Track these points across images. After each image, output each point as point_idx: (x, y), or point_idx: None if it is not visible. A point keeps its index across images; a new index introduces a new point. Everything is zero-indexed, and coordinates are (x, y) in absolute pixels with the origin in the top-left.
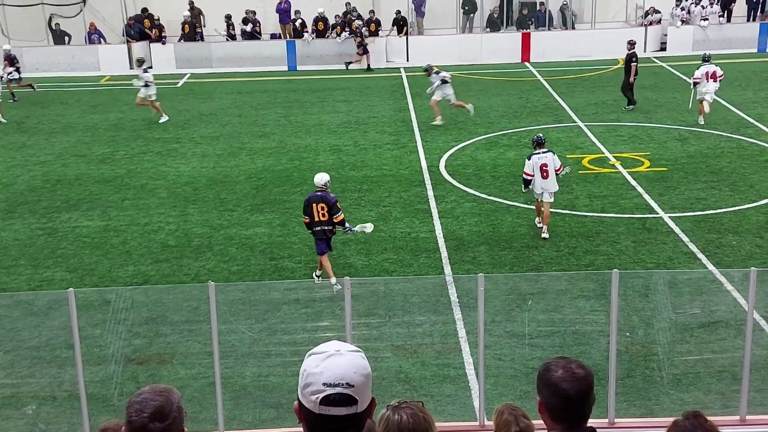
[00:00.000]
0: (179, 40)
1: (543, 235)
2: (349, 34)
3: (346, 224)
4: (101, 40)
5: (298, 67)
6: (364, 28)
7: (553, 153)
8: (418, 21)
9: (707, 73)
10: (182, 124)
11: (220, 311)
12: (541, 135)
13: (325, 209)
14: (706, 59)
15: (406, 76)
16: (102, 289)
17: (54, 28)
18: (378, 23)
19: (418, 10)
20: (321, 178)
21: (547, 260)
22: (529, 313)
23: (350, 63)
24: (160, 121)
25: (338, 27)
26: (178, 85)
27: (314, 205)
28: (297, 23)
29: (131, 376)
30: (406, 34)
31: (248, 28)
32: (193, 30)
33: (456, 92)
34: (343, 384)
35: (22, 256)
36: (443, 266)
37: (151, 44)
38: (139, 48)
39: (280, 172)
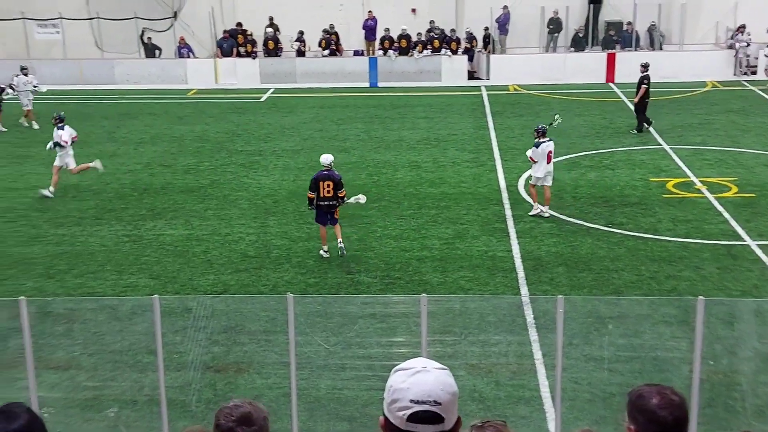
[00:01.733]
0: (265, 56)
1: (546, 215)
2: (431, 52)
3: (346, 198)
4: (190, 54)
5: (380, 84)
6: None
7: (554, 141)
8: (501, 39)
9: None
10: (265, 137)
11: (297, 323)
12: (543, 124)
13: (331, 186)
14: None
15: (487, 94)
16: (183, 297)
17: (146, 41)
18: (458, 41)
19: (501, 27)
20: (326, 158)
21: (627, 284)
22: (609, 337)
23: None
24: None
25: (420, 45)
26: (262, 99)
27: (321, 182)
28: (383, 40)
29: (209, 383)
30: (489, 52)
31: (295, 45)
32: (276, 46)
33: (537, 111)
34: (430, 401)
35: (108, 262)
36: (520, 286)
37: (238, 58)
38: (227, 61)
39: (359, 187)
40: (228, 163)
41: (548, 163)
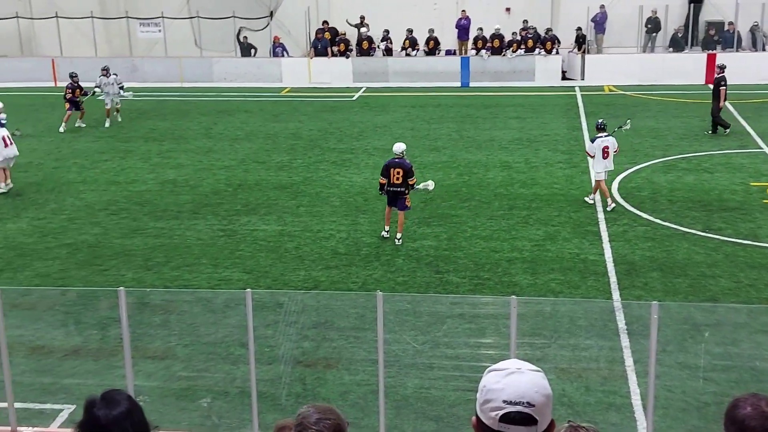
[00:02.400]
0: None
1: (589, 201)
2: (525, 52)
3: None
4: (284, 53)
5: (472, 84)
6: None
7: (614, 137)
8: (599, 38)
9: None
10: (357, 135)
11: (386, 320)
12: (602, 120)
13: (401, 173)
14: None
15: (582, 94)
16: (275, 292)
17: (242, 40)
18: (554, 41)
19: (599, 27)
20: (399, 147)
21: (724, 291)
22: (704, 345)
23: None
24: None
25: (514, 44)
26: (354, 98)
27: (392, 169)
28: (476, 40)
29: (299, 378)
30: (584, 51)
31: (382, 45)
32: (369, 45)
33: (633, 112)
34: (523, 403)
35: (203, 255)
36: (612, 291)
37: (332, 58)
38: (320, 60)
39: (449, 186)
40: (320, 160)
41: (604, 158)
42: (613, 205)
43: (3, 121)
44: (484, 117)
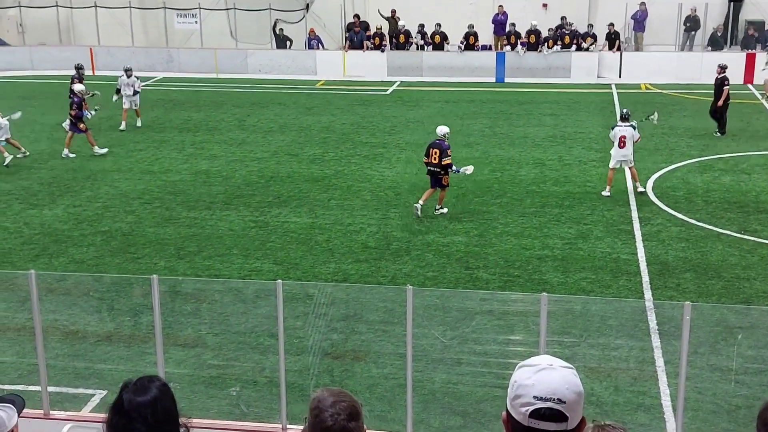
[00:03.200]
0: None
1: (639, 190)
2: (561, 48)
3: (453, 167)
4: (319, 45)
5: (507, 79)
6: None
7: (635, 128)
8: (638, 36)
9: None
10: (389, 129)
11: (415, 315)
12: (627, 109)
13: (437, 153)
14: None
15: (618, 92)
16: (305, 283)
17: (278, 32)
18: (594, 37)
19: (638, 24)
20: (441, 129)
21: (759, 293)
22: (737, 347)
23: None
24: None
25: (550, 40)
26: (388, 92)
27: (431, 150)
28: (510, 35)
29: (327, 369)
30: (619, 49)
31: (418, 39)
32: (406, 39)
33: (670, 111)
34: (554, 399)
35: (235, 246)
36: (644, 291)
37: (367, 51)
38: (355, 54)
39: (481, 182)
40: (352, 154)
41: (620, 147)
42: (608, 194)
43: None
44: (518, 113)
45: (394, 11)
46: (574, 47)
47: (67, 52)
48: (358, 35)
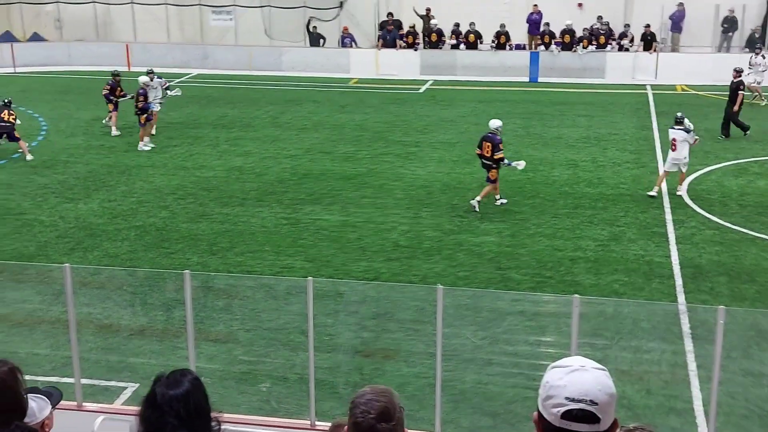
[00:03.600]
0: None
1: (678, 192)
2: (596, 48)
3: (505, 160)
4: (352, 43)
5: (540, 79)
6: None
7: (688, 131)
8: (674, 36)
9: None
10: (422, 128)
11: (446, 314)
12: (681, 113)
13: (490, 147)
14: None
15: (653, 93)
16: (336, 281)
17: (311, 30)
18: (631, 38)
19: (675, 25)
20: (494, 123)
21: None
22: None
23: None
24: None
25: (585, 40)
26: (421, 90)
27: (483, 143)
28: (544, 35)
29: (357, 367)
30: (655, 50)
31: (452, 38)
32: (439, 38)
33: (705, 114)
34: (586, 400)
35: (267, 243)
36: (677, 294)
37: (400, 49)
38: (388, 52)
39: (514, 182)
40: (385, 152)
41: (672, 150)
42: (654, 195)
43: None
44: (552, 114)
45: (428, 9)
46: (609, 47)
47: (103, 47)
48: (390, 33)
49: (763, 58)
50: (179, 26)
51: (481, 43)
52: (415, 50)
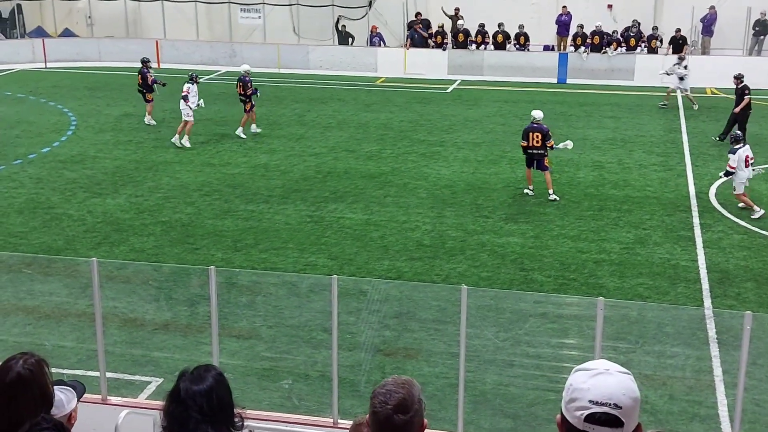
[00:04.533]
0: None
1: (757, 213)
2: (626, 51)
3: (558, 144)
4: (381, 43)
5: (568, 80)
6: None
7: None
8: (705, 40)
9: None
10: (447, 128)
11: (468, 315)
12: (739, 132)
13: (540, 137)
14: None
15: (682, 96)
16: (359, 279)
17: (340, 29)
18: (660, 40)
19: (706, 28)
20: (537, 113)
21: None
22: None
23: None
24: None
25: (614, 42)
26: (448, 90)
27: (531, 133)
28: (576, 36)
29: (378, 366)
30: (680, 54)
31: (478, 39)
32: (466, 38)
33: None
34: (610, 404)
35: (290, 240)
36: (703, 299)
37: (427, 49)
38: (416, 52)
39: (539, 183)
40: (409, 151)
41: (747, 167)
42: (762, 211)
43: None
44: (579, 115)
45: (457, 9)
46: (639, 49)
47: (133, 44)
48: (418, 33)
49: (685, 68)
50: (208, 24)
51: (509, 43)
52: (443, 50)
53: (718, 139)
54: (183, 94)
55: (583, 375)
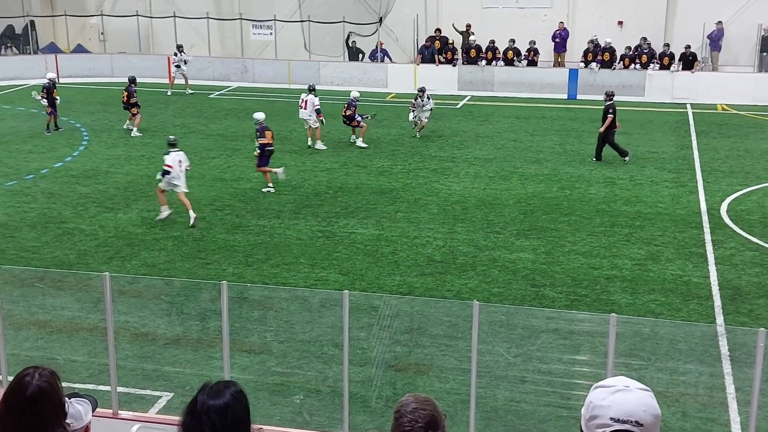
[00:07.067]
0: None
1: None
2: (640, 67)
3: None
4: (386, 58)
5: (579, 96)
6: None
7: None
8: (714, 55)
9: None
10: (458, 144)
11: (479, 330)
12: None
13: (271, 135)
14: None
15: (693, 112)
16: (370, 295)
17: (350, 45)
18: (672, 57)
19: (714, 44)
20: (259, 115)
21: None
22: None
23: None
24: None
25: (626, 59)
26: (458, 106)
27: (267, 132)
28: (587, 53)
29: (389, 381)
30: (698, 69)
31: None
32: (477, 54)
33: (746, 133)
34: (631, 421)
35: (302, 255)
36: (715, 315)
37: (438, 65)
38: (426, 68)
39: (550, 199)
40: (420, 167)
41: None
42: None
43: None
44: (590, 131)
45: (469, 26)
46: (651, 66)
47: (146, 60)
48: (429, 49)
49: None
50: (220, 40)
51: (520, 60)
52: (454, 66)
53: (594, 160)
54: (316, 107)
55: (602, 392)
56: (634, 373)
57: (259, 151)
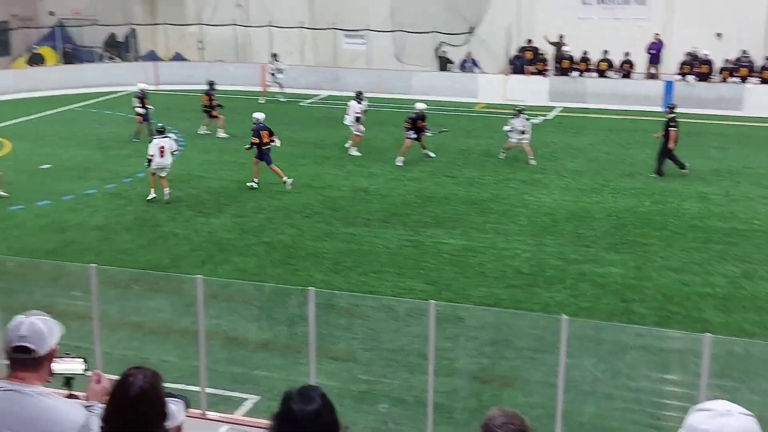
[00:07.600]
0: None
1: None
2: (742, 81)
3: None
4: (475, 67)
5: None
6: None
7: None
8: None
9: None
10: (549, 156)
11: (567, 345)
12: None
13: (267, 134)
14: None
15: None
16: (456, 305)
17: (441, 55)
18: None
19: None
20: (259, 115)
21: None
22: None
23: None
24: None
25: (726, 72)
26: (549, 117)
27: (260, 132)
28: (683, 64)
29: (475, 393)
30: None
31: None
32: (571, 65)
33: None
34: None
35: (389, 264)
36: None
37: (529, 76)
38: (517, 79)
39: (642, 213)
40: (510, 178)
41: None
42: None
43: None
44: (684, 144)
45: (561, 36)
46: (750, 80)
47: (241, 68)
48: (521, 59)
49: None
50: (313, 49)
51: (613, 71)
52: (545, 76)
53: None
54: (357, 114)
55: (704, 416)
56: (727, 394)
57: (248, 147)
